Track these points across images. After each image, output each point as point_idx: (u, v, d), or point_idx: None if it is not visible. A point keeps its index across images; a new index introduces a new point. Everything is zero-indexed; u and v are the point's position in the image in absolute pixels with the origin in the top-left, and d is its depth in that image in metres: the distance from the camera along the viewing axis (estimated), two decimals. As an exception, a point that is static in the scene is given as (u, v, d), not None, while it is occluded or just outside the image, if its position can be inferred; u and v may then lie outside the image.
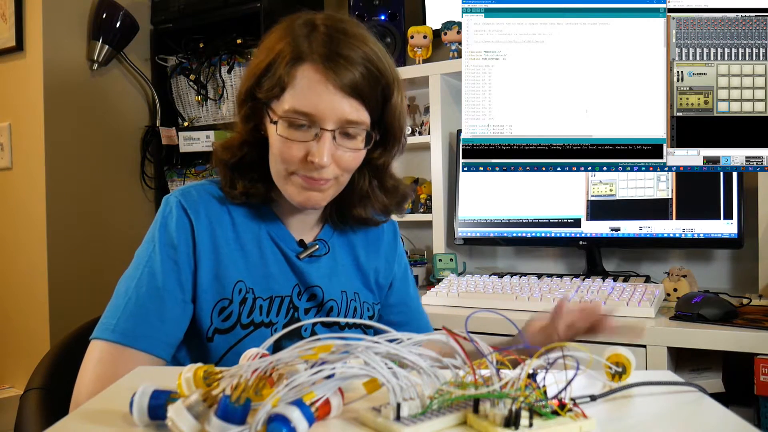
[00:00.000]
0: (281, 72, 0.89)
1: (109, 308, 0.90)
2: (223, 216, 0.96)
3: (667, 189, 1.66)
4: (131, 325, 0.87)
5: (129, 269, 0.93)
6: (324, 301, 1.01)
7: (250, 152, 0.96)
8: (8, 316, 2.18)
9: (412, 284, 1.18)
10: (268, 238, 0.99)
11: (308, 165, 0.89)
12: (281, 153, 0.90)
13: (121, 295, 0.90)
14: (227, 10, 2.21)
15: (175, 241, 0.92)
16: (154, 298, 0.89)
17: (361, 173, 1.00)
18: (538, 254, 2.04)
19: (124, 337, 0.86)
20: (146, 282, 0.90)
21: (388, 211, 1.07)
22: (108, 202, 2.28)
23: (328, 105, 0.87)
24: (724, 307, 1.32)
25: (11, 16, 2.11)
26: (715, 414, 0.56)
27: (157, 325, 0.89)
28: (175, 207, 0.94)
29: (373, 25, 2.07)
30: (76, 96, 2.17)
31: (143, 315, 0.88)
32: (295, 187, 0.92)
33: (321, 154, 0.87)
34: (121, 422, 0.54)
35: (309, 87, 0.88)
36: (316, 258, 1.02)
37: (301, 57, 0.88)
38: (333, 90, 0.87)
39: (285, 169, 0.91)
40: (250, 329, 0.94)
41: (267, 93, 0.91)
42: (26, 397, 0.94)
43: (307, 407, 0.48)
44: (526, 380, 0.50)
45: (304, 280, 1.00)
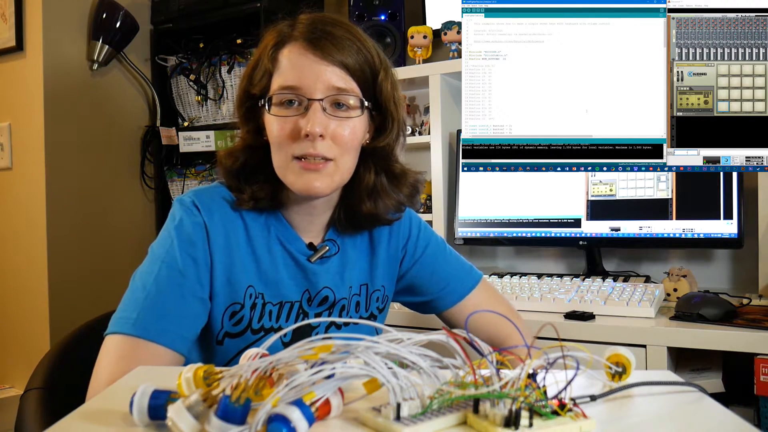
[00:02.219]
0: (266, 61, 0.90)
1: (125, 303, 0.87)
2: (236, 220, 0.95)
3: (667, 189, 1.66)
4: (152, 318, 0.84)
5: (144, 264, 0.91)
6: (336, 302, 1.00)
7: (252, 156, 0.95)
8: (8, 315, 2.18)
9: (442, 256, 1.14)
10: (278, 243, 0.97)
11: (303, 141, 0.88)
12: (277, 136, 0.90)
13: (139, 290, 0.87)
14: (227, 10, 2.21)
15: (193, 238, 0.90)
16: (174, 293, 0.87)
17: (366, 166, 0.98)
18: (538, 254, 2.04)
19: (146, 331, 0.84)
20: (165, 276, 0.87)
21: (401, 206, 1.04)
22: (108, 202, 2.28)
23: (313, 75, 0.87)
24: (724, 307, 1.32)
25: (11, 16, 2.11)
26: (715, 414, 0.56)
27: (178, 320, 0.86)
28: (190, 206, 0.93)
29: (373, 25, 2.07)
30: (76, 96, 2.17)
31: (164, 309, 0.86)
32: (294, 174, 0.90)
33: (312, 124, 0.86)
34: (121, 422, 0.54)
35: (292, 62, 0.89)
36: (327, 259, 1.01)
37: (283, 41, 0.91)
38: (317, 60, 0.88)
39: (284, 157, 0.90)
40: (261, 334, 0.94)
41: (258, 86, 0.92)
42: (26, 397, 0.94)
43: (307, 407, 0.48)
44: (526, 380, 0.50)
45: (314, 283, 0.98)
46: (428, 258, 1.12)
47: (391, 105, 0.95)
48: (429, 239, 1.13)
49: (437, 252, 1.13)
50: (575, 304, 1.44)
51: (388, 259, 1.08)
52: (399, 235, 1.09)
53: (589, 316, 1.37)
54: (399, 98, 0.97)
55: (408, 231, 1.11)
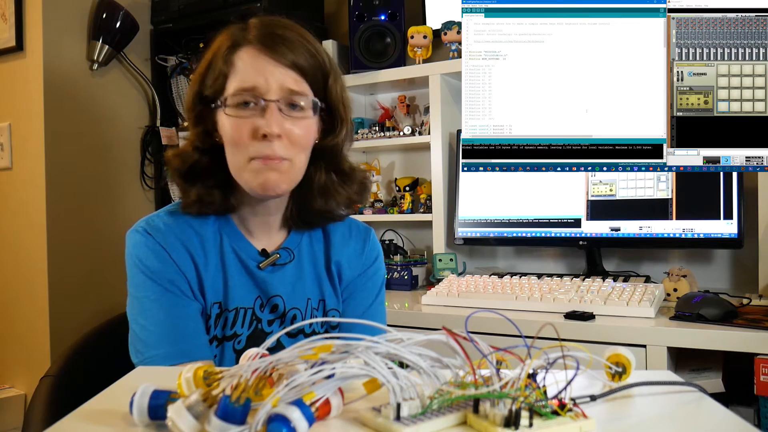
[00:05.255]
0: (220, 63, 0.92)
1: (143, 344, 0.91)
2: (187, 230, 0.96)
3: (667, 189, 1.66)
4: (177, 345, 0.90)
5: (132, 305, 0.94)
6: (286, 311, 1.00)
7: (202, 158, 0.96)
8: (8, 315, 2.18)
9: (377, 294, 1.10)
10: (230, 250, 0.98)
11: (260, 141, 0.89)
12: (233, 136, 0.91)
13: (145, 329, 0.91)
14: (227, 10, 2.21)
15: (158, 265, 0.93)
16: (176, 317, 0.91)
17: (317, 166, 0.99)
18: (538, 254, 2.04)
19: (178, 356, 0.88)
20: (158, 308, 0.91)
21: (351, 202, 1.05)
22: (108, 202, 2.28)
23: (269, 77, 0.90)
24: (724, 307, 1.32)
25: (11, 16, 2.11)
26: (715, 414, 0.56)
27: (194, 334, 0.92)
28: (144, 234, 0.95)
29: (373, 25, 2.07)
30: (76, 96, 2.17)
31: (177, 334, 0.90)
32: (251, 172, 0.91)
33: (270, 124, 0.88)
34: (121, 422, 0.54)
35: (248, 65, 0.91)
36: (280, 267, 1.01)
37: (238, 43, 0.93)
38: (272, 62, 0.90)
39: (241, 157, 0.91)
40: (215, 344, 0.96)
41: (212, 88, 0.93)
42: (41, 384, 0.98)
43: (307, 407, 0.48)
44: (526, 380, 0.50)
45: (265, 290, 0.99)
46: (366, 292, 1.09)
47: (340, 106, 0.98)
48: (379, 271, 1.11)
49: (375, 287, 1.10)
50: (575, 304, 1.44)
51: (337, 267, 1.06)
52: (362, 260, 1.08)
53: (589, 316, 1.37)
54: (347, 99, 1.00)
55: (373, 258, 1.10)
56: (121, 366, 0.82)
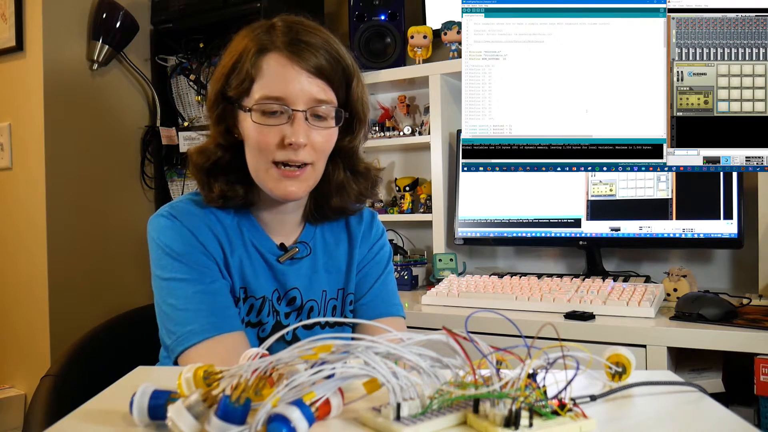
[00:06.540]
0: (248, 66, 0.93)
1: (174, 323, 0.91)
2: (212, 219, 0.98)
3: (667, 189, 1.66)
4: (209, 319, 0.90)
5: (159, 287, 0.94)
6: (303, 303, 1.02)
7: (224, 155, 0.98)
8: (8, 316, 2.18)
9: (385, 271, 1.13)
10: (251, 243, 1.00)
11: (286, 149, 0.91)
12: (258, 142, 0.92)
13: (175, 309, 0.91)
14: (227, 10, 2.21)
15: (183, 247, 0.93)
16: (207, 291, 0.92)
17: (335, 164, 1.02)
18: (538, 254, 2.04)
19: (213, 329, 0.89)
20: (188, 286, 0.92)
21: (363, 197, 1.09)
22: (108, 202, 2.28)
23: (298, 87, 0.91)
24: (724, 307, 1.32)
25: (11, 16, 2.11)
26: (715, 414, 0.56)
27: (225, 307, 0.93)
28: (169, 217, 0.95)
29: (373, 25, 2.07)
30: (76, 96, 2.17)
31: (209, 308, 0.91)
32: (273, 180, 0.94)
33: (297, 134, 0.91)
34: (121, 422, 0.54)
35: (277, 73, 0.92)
36: (297, 260, 1.03)
37: (265, 48, 0.93)
38: (300, 72, 0.92)
39: (264, 161, 0.93)
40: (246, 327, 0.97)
41: (237, 89, 0.94)
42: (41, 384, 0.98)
43: (307, 407, 0.48)
44: (526, 380, 0.50)
45: (283, 283, 1.01)
46: (375, 265, 1.11)
47: (360, 108, 1.00)
48: (385, 246, 1.15)
49: (383, 259, 1.13)
50: (575, 304, 1.44)
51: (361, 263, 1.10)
52: (370, 239, 1.13)
53: (589, 316, 1.37)
54: (366, 99, 1.03)
55: (379, 235, 1.14)
56: (121, 366, 0.82)
